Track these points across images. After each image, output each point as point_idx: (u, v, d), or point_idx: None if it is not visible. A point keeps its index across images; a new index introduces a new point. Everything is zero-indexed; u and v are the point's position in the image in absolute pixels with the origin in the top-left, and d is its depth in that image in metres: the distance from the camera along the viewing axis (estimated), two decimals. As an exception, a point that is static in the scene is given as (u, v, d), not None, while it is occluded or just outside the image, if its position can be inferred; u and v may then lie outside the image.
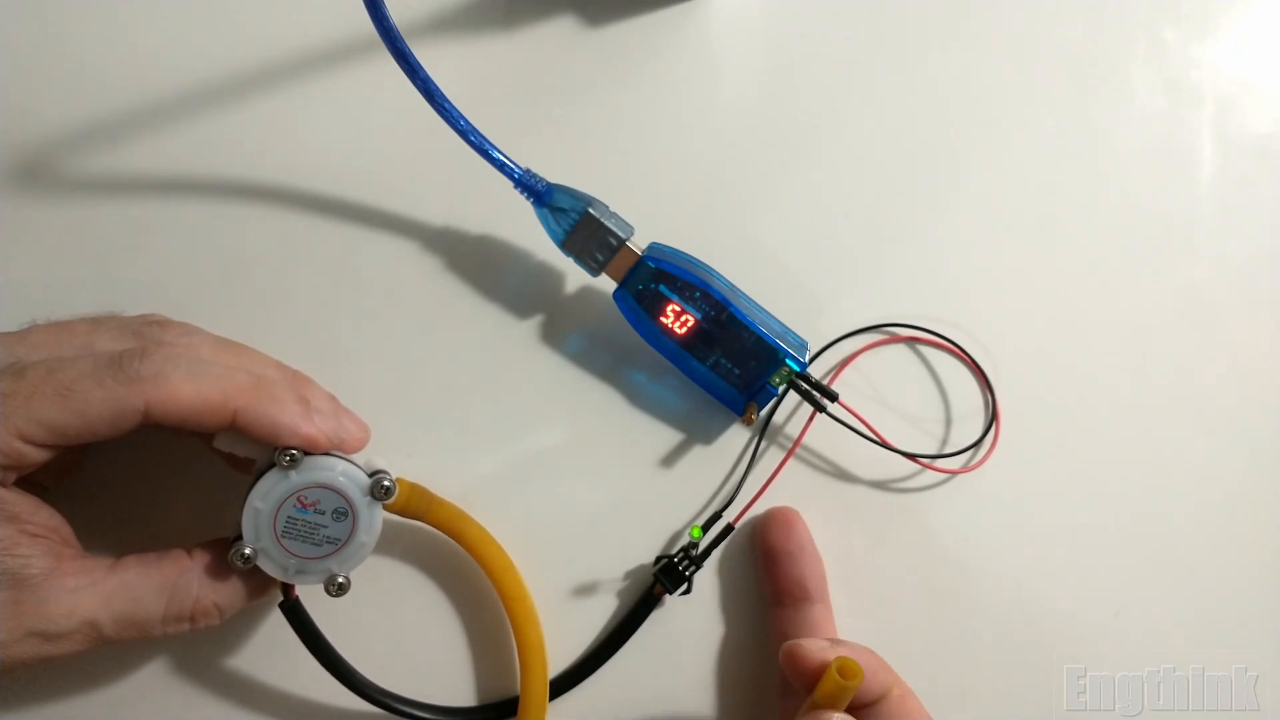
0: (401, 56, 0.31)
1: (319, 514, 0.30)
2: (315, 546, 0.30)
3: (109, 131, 0.35)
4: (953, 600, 0.36)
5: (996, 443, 0.37)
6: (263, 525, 0.29)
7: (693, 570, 0.34)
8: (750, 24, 0.38)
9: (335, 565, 0.30)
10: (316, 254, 0.36)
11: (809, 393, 0.34)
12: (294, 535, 0.30)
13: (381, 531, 0.31)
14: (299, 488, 0.29)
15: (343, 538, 0.30)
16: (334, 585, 0.30)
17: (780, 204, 0.38)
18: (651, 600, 0.35)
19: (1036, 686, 0.36)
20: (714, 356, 0.34)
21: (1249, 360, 0.38)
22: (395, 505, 0.31)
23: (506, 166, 0.33)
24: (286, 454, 0.29)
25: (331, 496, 0.30)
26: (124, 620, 0.28)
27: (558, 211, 0.33)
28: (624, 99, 0.37)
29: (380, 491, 0.30)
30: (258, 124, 0.36)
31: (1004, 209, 0.38)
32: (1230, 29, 0.40)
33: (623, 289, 0.34)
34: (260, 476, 0.30)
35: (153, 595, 0.29)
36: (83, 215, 0.35)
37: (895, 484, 0.37)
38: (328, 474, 0.30)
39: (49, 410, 0.26)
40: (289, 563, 0.30)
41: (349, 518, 0.30)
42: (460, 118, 0.32)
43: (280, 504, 0.29)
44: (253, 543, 0.29)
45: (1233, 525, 0.38)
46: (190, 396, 0.27)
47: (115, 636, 0.28)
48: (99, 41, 0.35)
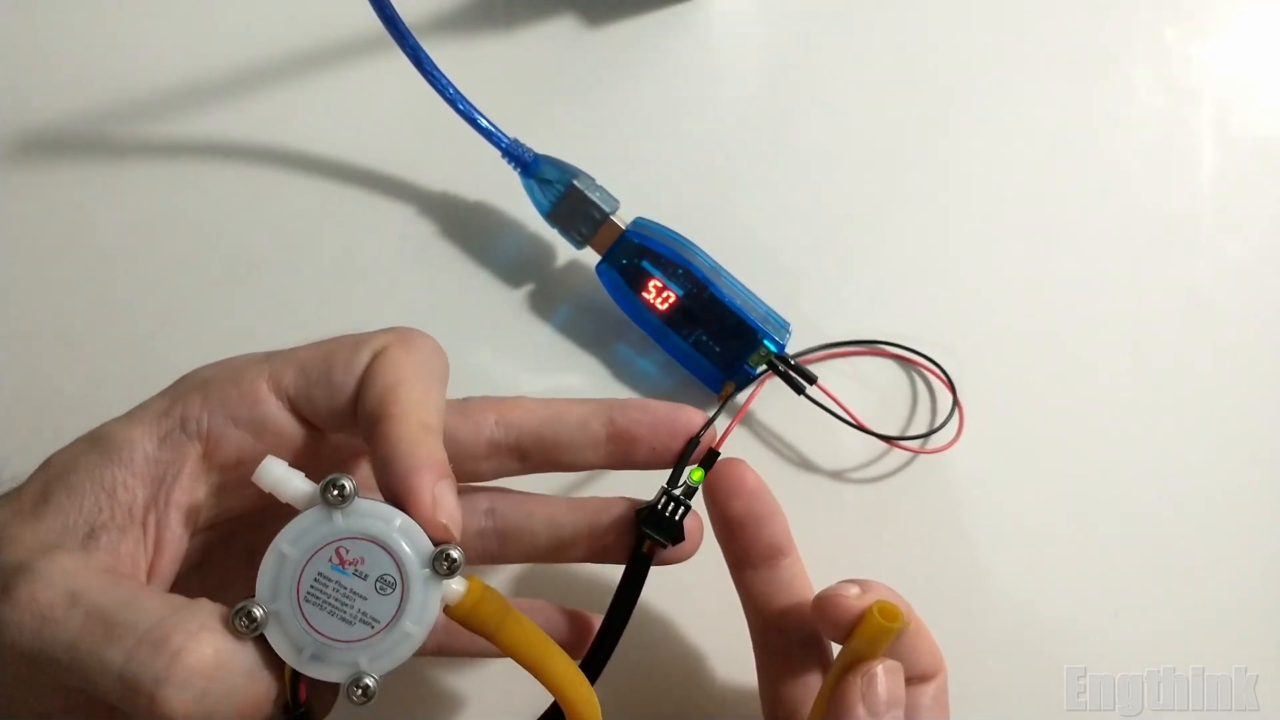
0: (390, 23, 0.31)
1: (359, 577, 0.22)
2: (345, 624, 0.22)
3: (103, 127, 0.35)
4: (952, 600, 0.36)
5: (966, 432, 0.37)
6: (285, 579, 0.22)
7: (682, 513, 0.28)
8: (749, 24, 0.38)
9: (365, 659, 0.22)
10: (308, 229, 0.36)
11: (787, 374, 0.34)
12: (320, 602, 0.22)
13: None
14: (343, 535, 0.22)
15: (383, 620, 0.22)
16: (358, 687, 0.22)
17: (780, 204, 0.38)
18: (644, 560, 0.29)
19: (1036, 686, 0.36)
20: (695, 334, 0.34)
21: (1249, 360, 0.38)
22: (461, 608, 0.23)
23: (494, 135, 0.33)
24: (337, 485, 0.22)
25: (380, 557, 0.22)
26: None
27: (544, 183, 0.34)
28: (623, 99, 0.38)
29: (444, 565, 0.22)
30: (249, 105, 0.36)
31: (1003, 208, 0.38)
32: (1230, 29, 0.40)
33: (606, 262, 0.34)
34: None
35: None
36: (83, 214, 0.35)
37: (885, 478, 0.37)
38: (381, 525, 0.22)
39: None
40: (306, 640, 0.22)
41: (396, 592, 0.22)
42: (449, 85, 0.32)
43: (313, 554, 0.22)
44: (267, 601, 0.22)
45: (1233, 525, 0.37)
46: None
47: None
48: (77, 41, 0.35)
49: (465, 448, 0.27)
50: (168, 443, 0.23)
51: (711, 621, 0.35)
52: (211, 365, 0.25)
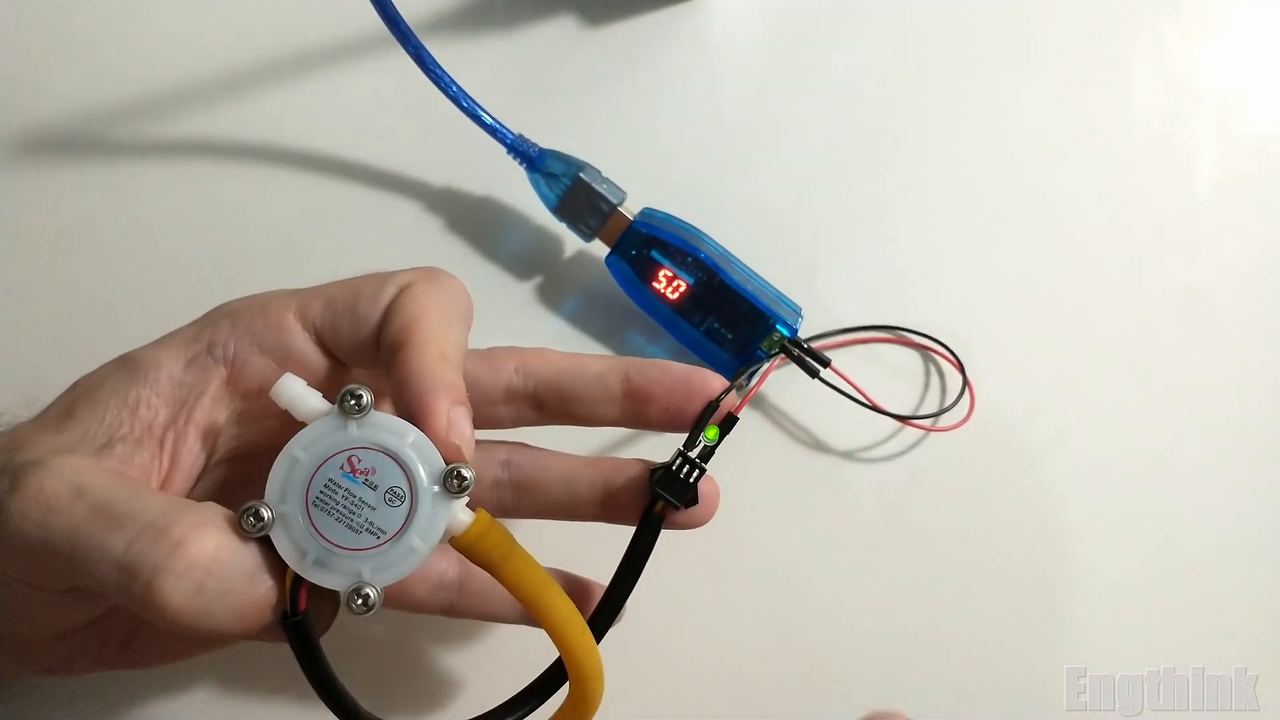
0: (393, 23, 0.31)
1: (369, 487, 0.22)
2: (351, 532, 0.22)
3: (103, 127, 0.35)
4: (952, 599, 0.36)
5: (971, 412, 0.37)
6: (295, 483, 0.22)
7: (697, 475, 0.27)
8: (750, 24, 0.38)
9: (368, 569, 0.22)
10: (310, 229, 0.36)
11: (800, 358, 0.34)
12: (328, 508, 0.22)
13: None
14: (356, 444, 0.22)
15: (389, 531, 0.22)
16: (359, 596, 0.22)
17: (786, 190, 0.38)
18: (655, 521, 0.28)
19: (1036, 686, 0.36)
20: (707, 321, 0.34)
21: (1249, 360, 0.38)
22: (467, 536, 0.23)
23: (499, 131, 0.33)
24: (354, 395, 0.22)
25: (391, 469, 0.22)
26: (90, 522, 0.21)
27: (550, 177, 0.34)
28: (626, 94, 0.38)
29: (455, 483, 0.22)
30: (250, 105, 0.36)
31: (1003, 208, 0.38)
32: (1230, 29, 0.40)
33: (615, 254, 0.34)
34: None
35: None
36: (83, 214, 0.35)
37: (896, 457, 0.37)
38: (394, 438, 0.22)
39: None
40: (310, 545, 0.22)
41: (404, 505, 0.22)
42: (451, 83, 0.32)
43: (325, 460, 0.22)
44: (275, 503, 0.22)
45: (1233, 525, 0.37)
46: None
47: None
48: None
49: (484, 392, 0.27)
50: (194, 366, 0.24)
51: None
52: (243, 298, 0.26)
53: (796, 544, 0.36)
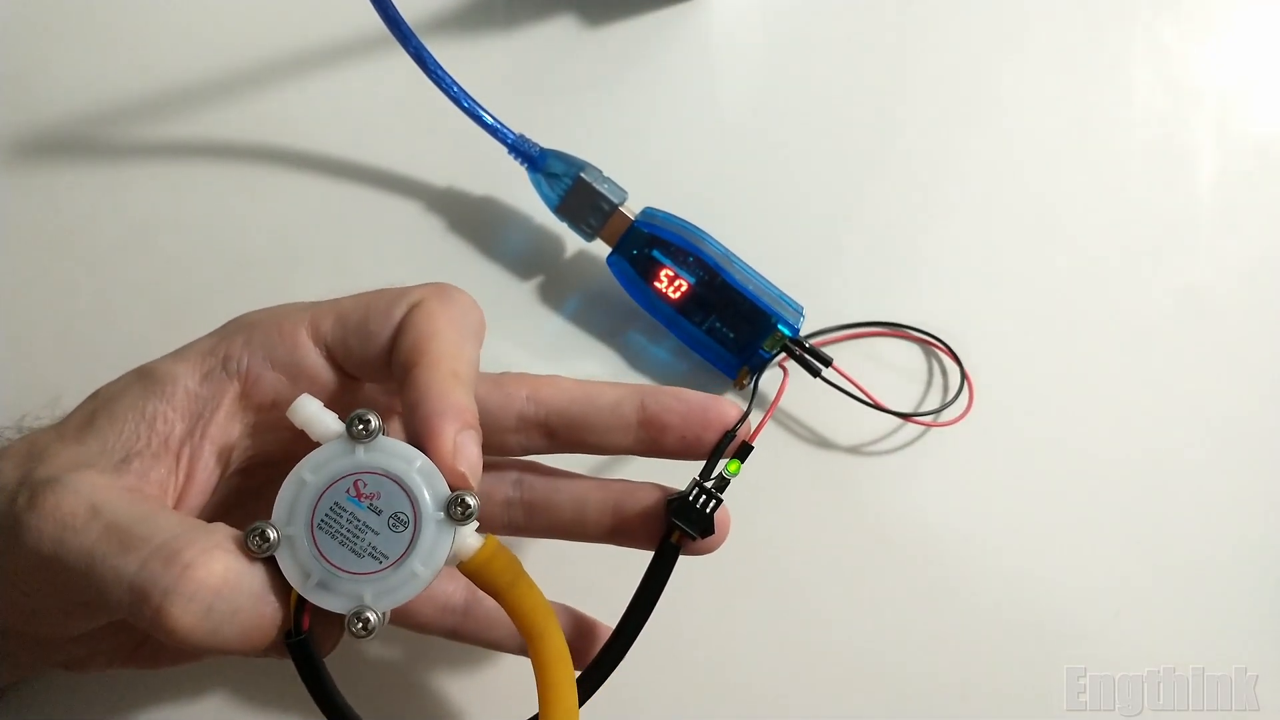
0: (393, 24, 0.31)
1: (373, 512, 0.22)
2: (354, 556, 0.22)
3: (103, 127, 0.35)
4: (952, 599, 0.36)
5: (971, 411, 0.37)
6: (301, 505, 0.22)
7: (714, 505, 0.27)
8: (750, 24, 0.38)
9: (370, 593, 0.22)
10: (311, 229, 0.36)
11: (802, 357, 0.34)
12: (333, 531, 0.22)
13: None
14: (363, 469, 0.23)
15: (392, 557, 0.22)
16: (359, 620, 0.22)
17: (778, 203, 0.38)
18: (673, 550, 0.28)
19: (1036, 686, 0.36)
20: (709, 321, 0.34)
21: (1249, 359, 0.38)
22: (475, 560, 0.23)
23: (500, 131, 0.33)
24: (362, 420, 0.23)
25: (396, 494, 0.23)
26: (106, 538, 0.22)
27: (551, 177, 0.34)
28: (626, 94, 0.38)
29: (459, 510, 0.22)
30: (250, 105, 0.36)
31: (1002, 208, 0.38)
32: (1230, 29, 0.40)
33: (616, 254, 0.34)
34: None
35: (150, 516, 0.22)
36: (83, 214, 0.35)
37: (895, 451, 0.37)
38: (401, 463, 0.23)
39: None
40: (314, 567, 0.22)
41: (407, 531, 0.22)
42: (452, 83, 0.32)
43: (332, 483, 0.23)
44: (281, 524, 0.22)
45: (1233, 525, 0.37)
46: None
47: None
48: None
49: (494, 419, 0.27)
50: (209, 380, 0.24)
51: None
52: (260, 310, 0.26)
53: (798, 541, 0.36)
